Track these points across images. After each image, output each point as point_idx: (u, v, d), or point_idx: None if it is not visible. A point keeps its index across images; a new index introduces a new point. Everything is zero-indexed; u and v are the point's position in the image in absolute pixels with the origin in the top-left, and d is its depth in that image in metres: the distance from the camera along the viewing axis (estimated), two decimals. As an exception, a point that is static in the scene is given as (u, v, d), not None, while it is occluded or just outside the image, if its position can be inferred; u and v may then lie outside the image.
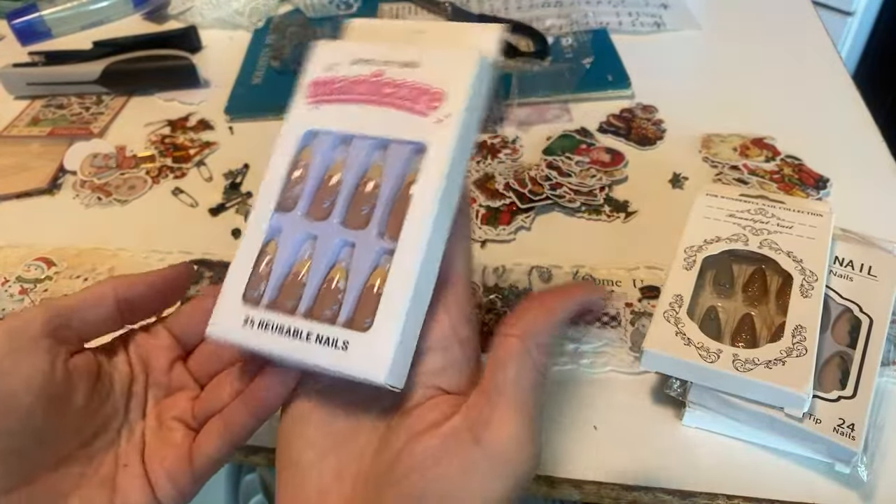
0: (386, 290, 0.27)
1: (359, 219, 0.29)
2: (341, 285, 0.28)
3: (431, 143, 0.28)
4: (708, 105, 0.63)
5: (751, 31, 0.73)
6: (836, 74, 0.66)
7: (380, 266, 0.28)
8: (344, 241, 0.29)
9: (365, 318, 0.27)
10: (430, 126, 0.29)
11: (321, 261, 0.29)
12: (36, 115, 0.68)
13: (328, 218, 0.29)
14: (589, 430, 0.40)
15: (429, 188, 0.28)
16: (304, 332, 0.27)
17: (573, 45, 0.71)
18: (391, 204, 0.29)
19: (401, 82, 0.30)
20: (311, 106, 0.31)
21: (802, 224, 0.43)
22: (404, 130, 0.29)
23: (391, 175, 0.29)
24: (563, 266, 0.49)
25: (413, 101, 0.29)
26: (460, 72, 0.29)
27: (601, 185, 0.55)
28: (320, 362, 0.27)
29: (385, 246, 0.28)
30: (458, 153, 0.29)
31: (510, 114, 0.63)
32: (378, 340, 0.26)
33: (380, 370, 0.26)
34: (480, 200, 0.54)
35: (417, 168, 0.28)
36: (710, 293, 0.42)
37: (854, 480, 0.37)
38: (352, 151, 0.30)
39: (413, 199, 0.28)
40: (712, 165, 0.57)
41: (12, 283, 0.51)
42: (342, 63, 0.31)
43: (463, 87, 0.29)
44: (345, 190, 0.30)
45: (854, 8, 1.27)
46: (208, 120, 0.66)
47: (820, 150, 0.57)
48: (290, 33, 0.75)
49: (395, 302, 0.27)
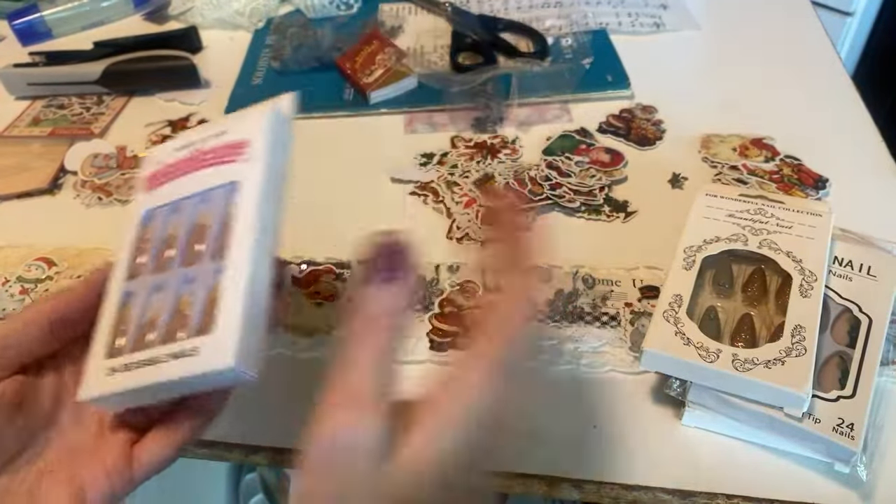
0: (222, 296, 0.31)
1: (196, 257, 0.34)
2: (188, 311, 0.32)
3: (242, 178, 0.35)
4: (707, 105, 0.63)
5: (750, 32, 0.73)
6: (835, 75, 0.66)
7: (216, 283, 0.32)
8: (186, 277, 0.33)
9: (209, 324, 0.31)
10: (239, 167, 0.35)
11: (168, 300, 0.33)
12: (37, 116, 0.68)
13: (171, 268, 0.34)
14: (589, 430, 0.41)
15: (245, 209, 0.34)
16: (162, 356, 0.31)
17: (573, 46, 0.71)
18: (219, 235, 0.34)
19: (214, 147, 0.36)
20: (147, 194, 0.37)
21: (802, 224, 0.43)
22: (220, 178, 0.35)
23: (216, 214, 0.34)
24: (562, 266, 0.49)
25: (225, 155, 0.36)
26: (258, 122, 0.36)
27: (601, 186, 0.55)
28: (177, 375, 0.30)
29: (217, 265, 0.33)
30: (268, 183, 0.35)
31: (510, 114, 0.63)
32: (221, 335, 0.30)
33: (228, 358, 0.30)
34: (480, 200, 0.55)
35: (235, 200, 0.34)
36: (710, 293, 0.42)
37: (853, 480, 0.37)
38: (183, 211, 0.36)
39: (233, 221, 0.33)
40: (712, 165, 0.57)
41: (13, 283, 0.51)
42: (168, 155, 0.38)
43: (262, 132, 0.36)
44: (181, 241, 0.35)
45: (853, 8, 1.27)
46: (209, 120, 0.66)
47: (819, 150, 0.57)
48: (291, 34, 0.75)
49: (230, 302, 0.31)
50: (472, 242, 0.52)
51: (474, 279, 0.49)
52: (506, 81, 0.65)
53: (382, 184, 0.58)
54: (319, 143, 0.63)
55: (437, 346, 0.45)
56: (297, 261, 0.51)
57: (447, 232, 0.53)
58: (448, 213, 0.54)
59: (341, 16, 0.79)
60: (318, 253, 0.52)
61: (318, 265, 0.51)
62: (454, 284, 0.48)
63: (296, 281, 0.50)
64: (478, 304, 0.47)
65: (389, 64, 0.66)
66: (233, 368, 0.30)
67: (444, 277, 0.49)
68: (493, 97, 0.64)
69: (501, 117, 0.63)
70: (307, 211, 0.57)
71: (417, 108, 0.65)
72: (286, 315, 0.36)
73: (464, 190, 0.56)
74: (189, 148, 0.37)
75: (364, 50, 0.68)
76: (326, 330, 0.46)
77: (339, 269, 0.50)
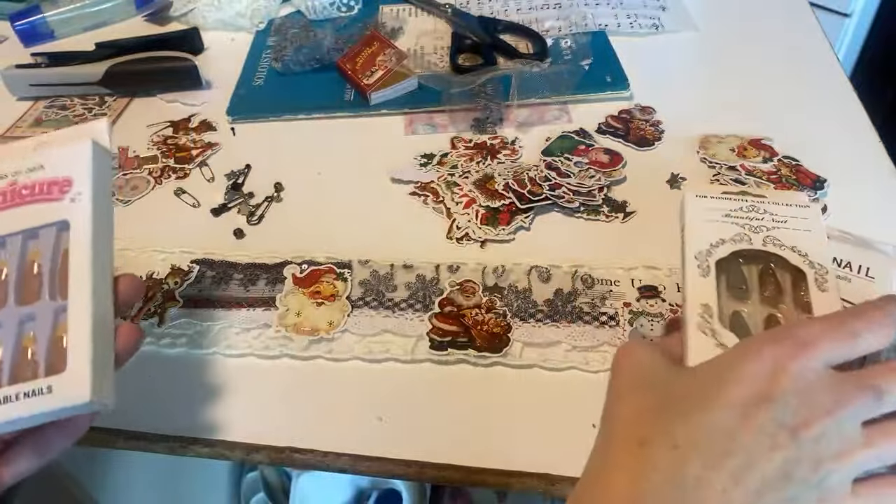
0: (70, 334, 0.33)
1: (32, 295, 0.35)
2: (33, 348, 0.34)
3: (72, 217, 0.36)
4: (706, 106, 0.64)
5: (749, 33, 0.73)
6: (833, 76, 0.67)
7: (60, 322, 0.34)
8: (25, 315, 0.34)
9: (60, 363, 0.33)
10: (67, 206, 0.36)
11: (10, 338, 0.34)
12: (39, 116, 0.69)
13: (5, 305, 0.35)
14: (588, 429, 0.41)
15: (80, 250, 0.35)
16: (12, 395, 0.32)
17: (572, 47, 0.71)
18: (55, 273, 0.35)
19: (33, 182, 0.37)
20: None
21: (794, 217, 0.42)
22: (48, 216, 0.36)
23: (48, 253, 0.36)
24: (562, 266, 0.50)
25: (48, 193, 0.36)
26: (78, 159, 0.37)
27: (600, 186, 0.56)
28: (34, 411, 0.32)
29: (60, 304, 0.34)
30: (98, 219, 0.36)
31: (510, 115, 0.64)
32: (74, 372, 0.32)
33: (84, 392, 0.32)
34: (480, 201, 0.55)
35: (67, 239, 0.35)
36: (727, 298, 0.40)
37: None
38: (8, 248, 0.36)
39: (71, 261, 0.35)
40: (710, 166, 0.57)
41: None
42: None
43: (84, 170, 0.37)
44: (13, 279, 0.35)
45: (851, 9, 1.27)
46: (210, 121, 0.67)
47: (817, 150, 0.57)
48: (292, 35, 0.75)
49: (79, 340, 0.33)
50: (471, 242, 0.52)
51: (474, 279, 0.49)
52: (505, 82, 0.66)
53: (383, 184, 0.58)
54: (320, 143, 0.64)
55: (437, 345, 0.45)
56: (298, 260, 0.52)
57: (447, 232, 0.53)
58: (448, 213, 0.55)
59: (342, 17, 0.79)
60: (319, 253, 0.52)
61: (318, 265, 0.51)
62: (454, 284, 0.49)
63: (296, 281, 0.50)
64: (477, 304, 0.47)
65: (390, 65, 0.67)
66: (89, 402, 0.32)
67: (444, 277, 0.49)
68: (493, 98, 0.65)
69: (501, 118, 0.63)
70: (308, 211, 0.57)
71: (417, 108, 0.66)
72: (137, 339, 0.37)
73: (464, 190, 0.56)
74: (2, 180, 0.37)
75: (364, 51, 0.69)
76: (327, 330, 0.47)
77: (340, 269, 0.50)
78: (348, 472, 0.42)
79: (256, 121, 0.67)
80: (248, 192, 0.59)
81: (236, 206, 0.58)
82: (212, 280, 0.51)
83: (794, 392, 0.28)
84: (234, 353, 0.47)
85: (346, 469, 0.42)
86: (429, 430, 0.42)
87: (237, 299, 0.49)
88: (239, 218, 0.57)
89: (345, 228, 0.55)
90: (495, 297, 0.48)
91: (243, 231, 0.55)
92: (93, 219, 0.36)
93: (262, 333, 0.47)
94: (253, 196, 0.58)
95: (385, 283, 0.49)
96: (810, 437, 0.27)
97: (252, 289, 0.50)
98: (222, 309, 0.49)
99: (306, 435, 0.42)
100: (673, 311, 0.46)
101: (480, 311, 0.47)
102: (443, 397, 0.44)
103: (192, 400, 0.45)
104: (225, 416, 0.44)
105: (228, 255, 0.53)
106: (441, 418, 0.43)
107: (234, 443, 0.43)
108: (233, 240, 0.55)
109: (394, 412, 0.43)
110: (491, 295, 0.48)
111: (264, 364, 0.46)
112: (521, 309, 0.47)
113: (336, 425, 0.43)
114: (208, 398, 0.44)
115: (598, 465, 0.31)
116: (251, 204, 0.58)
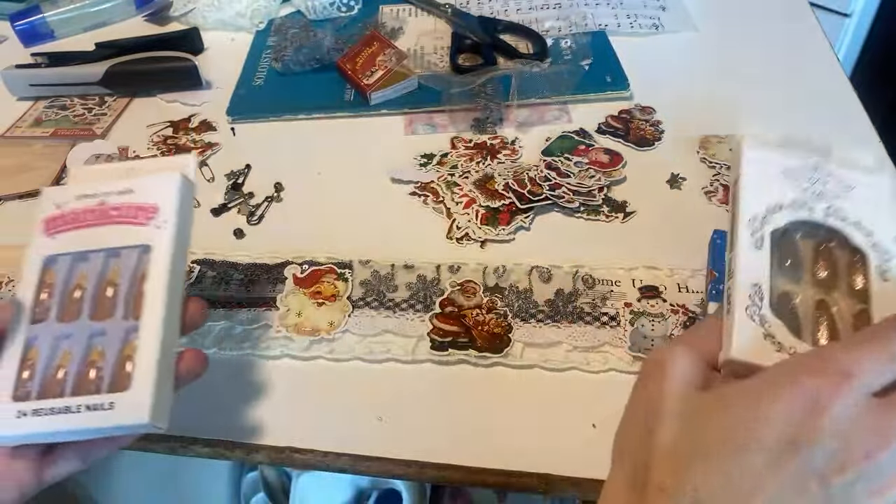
0: (138, 355, 0.35)
1: (105, 312, 0.36)
2: (100, 363, 0.35)
3: (154, 244, 0.37)
4: (706, 106, 0.64)
5: (748, 33, 0.73)
6: (833, 76, 0.67)
7: (129, 341, 0.35)
8: (95, 330, 0.36)
9: (124, 381, 0.34)
10: (151, 231, 0.38)
11: (78, 350, 0.35)
12: (39, 116, 0.69)
13: (79, 318, 0.36)
14: (588, 429, 0.41)
15: (158, 275, 0.37)
16: (74, 406, 0.33)
17: (572, 47, 0.71)
18: (131, 294, 0.37)
19: (121, 205, 0.38)
20: (47, 238, 0.38)
21: (861, 184, 0.34)
22: (131, 239, 0.38)
23: (126, 273, 0.37)
24: (562, 266, 0.50)
25: (134, 216, 0.38)
26: (167, 189, 0.39)
27: (600, 186, 0.56)
28: (93, 424, 0.33)
29: (131, 324, 0.36)
30: (177, 248, 0.38)
31: (510, 115, 0.64)
32: (137, 393, 0.34)
33: (144, 414, 0.33)
34: (480, 201, 0.55)
35: (147, 263, 0.37)
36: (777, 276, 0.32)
37: None
38: (91, 264, 0.38)
39: (147, 285, 0.36)
40: (710, 166, 0.57)
41: (14, 283, 0.51)
42: (69, 201, 0.39)
43: (171, 200, 0.38)
44: (89, 293, 0.37)
45: (851, 9, 1.27)
46: (210, 121, 0.67)
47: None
48: (292, 35, 0.75)
49: (145, 362, 0.34)
50: (471, 242, 0.53)
51: (475, 279, 0.49)
52: (505, 82, 0.66)
53: (383, 184, 0.58)
54: (320, 143, 0.64)
55: (438, 345, 0.45)
56: (299, 260, 0.52)
57: (447, 232, 0.53)
58: (448, 213, 0.55)
59: (342, 17, 0.79)
60: (320, 253, 0.52)
61: (319, 265, 0.51)
62: (454, 284, 0.49)
63: (297, 281, 0.50)
64: (478, 304, 0.47)
65: (390, 65, 0.67)
66: (147, 424, 0.33)
67: (444, 277, 0.49)
68: (493, 98, 0.65)
69: (501, 118, 0.63)
70: (308, 211, 0.57)
71: (417, 108, 0.66)
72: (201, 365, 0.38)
73: (464, 190, 0.56)
74: (93, 199, 0.39)
75: (364, 51, 0.69)
76: (327, 330, 0.47)
77: (341, 269, 0.51)
78: (348, 472, 0.42)
79: (256, 121, 0.67)
80: (248, 192, 0.59)
81: (236, 206, 0.58)
82: (212, 280, 0.51)
83: (832, 434, 0.25)
84: (234, 353, 0.47)
85: (346, 469, 0.42)
86: (429, 430, 0.42)
87: (238, 299, 0.49)
88: (239, 218, 0.57)
89: (345, 228, 0.55)
90: (496, 297, 0.48)
91: (243, 231, 0.55)
92: (173, 249, 0.37)
93: (262, 334, 0.47)
94: (253, 196, 0.58)
95: (386, 284, 0.49)
96: (844, 482, 0.25)
97: (253, 289, 0.50)
98: (223, 309, 0.49)
99: (306, 435, 0.42)
100: (674, 312, 0.46)
101: (481, 311, 0.47)
102: (443, 397, 0.44)
103: (192, 400, 0.44)
104: (225, 416, 0.44)
105: (229, 256, 0.53)
106: (441, 418, 0.43)
107: (234, 443, 0.43)
108: (233, 240, 0.55)
109: (394, 412, 0.43)
110: (492, 295, 0.48)
111: (265, 364, 0.46)
112: (521, 309, 0.47)
113: (336, 425, 0.43)
114: (208, 398, 0.44)
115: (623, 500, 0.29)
116: (251, 204, 0.58)
